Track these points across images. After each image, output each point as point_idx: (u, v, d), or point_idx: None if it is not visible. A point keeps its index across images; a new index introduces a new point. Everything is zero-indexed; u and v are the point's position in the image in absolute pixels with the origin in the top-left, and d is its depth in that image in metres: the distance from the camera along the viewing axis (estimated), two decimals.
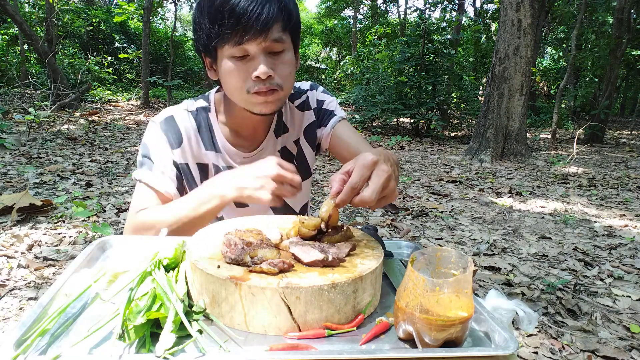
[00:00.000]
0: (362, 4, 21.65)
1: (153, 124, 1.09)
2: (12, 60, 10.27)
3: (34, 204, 2.88)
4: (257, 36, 0.90)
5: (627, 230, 3.31)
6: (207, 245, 0.77)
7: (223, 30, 0.91)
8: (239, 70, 0.94)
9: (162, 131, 1.08)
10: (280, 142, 1.18)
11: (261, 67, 0.92)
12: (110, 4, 16.75)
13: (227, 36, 0.91)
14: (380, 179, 0.73)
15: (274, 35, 0.92)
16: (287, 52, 0.97)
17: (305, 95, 1.19)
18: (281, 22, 0.93)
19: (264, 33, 0.90)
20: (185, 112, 1.11)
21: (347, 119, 1.21)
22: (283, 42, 0.95)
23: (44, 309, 0.65)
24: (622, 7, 8.75)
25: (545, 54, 19.66)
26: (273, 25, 0.91)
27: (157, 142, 1.08)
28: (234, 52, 0.93)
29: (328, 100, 1.21)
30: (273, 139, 1.16)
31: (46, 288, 1.98)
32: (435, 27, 10.21)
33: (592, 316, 1.99)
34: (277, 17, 0.91)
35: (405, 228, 3.12)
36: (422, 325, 0.59)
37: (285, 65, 0.97)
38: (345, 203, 0.74)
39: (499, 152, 6.56)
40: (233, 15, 0.88)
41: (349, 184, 0.73)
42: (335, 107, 1.21)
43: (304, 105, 1.19)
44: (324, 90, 1.23)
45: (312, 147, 1.22)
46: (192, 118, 1.11)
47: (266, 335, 0.64)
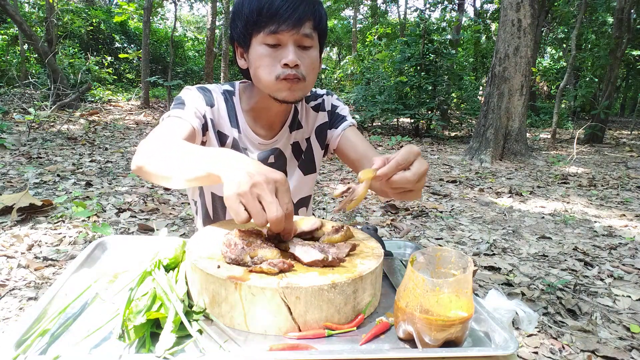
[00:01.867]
0: (362, 4, 21.64)
1: (187, 89, 1.16)
2: (12, 60, 10.27)
3: (34, 204, 2.88)
4: (290, 28, 0.99)
5: (627, 230, 3.31)
6: (207, 245, 0.77)
7: (261, 19, 0.99)
8: (270, 56, 1.02)
9: (198, 91, 1.15)
10: (293, 137, 1.25)
11: (290, 55, 0.99)
12: (110, 4, 16.75)
13: (264, 24, 0.99)
14: (422, 167, 0.79)
15: (305, 31, 1.01)
16: (314, 49, 1.06)
17: (322, 99, 1.28)
18: (312, 21, 1.02)
19: (297, 27, 0.99)
20: (217, 88, 1.19)
21: (357, 126, 1.28)
22: (312, 39, 1.03)
23: (44, 309, 0.65)
24: (622, 7, 8.75)
25: (545, 54, 19.66)
26: (305, 22, 1.00)
27: (192, 95, 1.14)
28: (267, 40, 1.01)
29: (341, 107, 1.29)
30: (287, 133, 1.23)
31: (46, 288, 1.98)
32: (435, 27, 10.21)
33: (592, 316, 1.99)
34: (309, 16, 1.01)
35: (405, 228, 3.12)
36: (422, 325, 0.59)
37: (311, 59, 1.05)
38: (386, 176, 0.77)
39: (499, 152, 6.56)
40: (272, 7, 0.98)
41: (395, 160, 0.77)
42: (347, 114, 1.29)
43: (319, 107, 1.27)
44: (338, 98, 1.32)
45: (321, 146, 1.29)
46: (222, 97, 1.19)
47: (266, 335, 0.64)
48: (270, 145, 1.22)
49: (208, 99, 1.15)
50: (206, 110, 1.14)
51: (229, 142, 1.18)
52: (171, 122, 1.06)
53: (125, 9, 10.71)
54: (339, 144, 1.25)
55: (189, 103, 1.11)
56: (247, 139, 1.19)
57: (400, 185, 0.78)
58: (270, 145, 1.22)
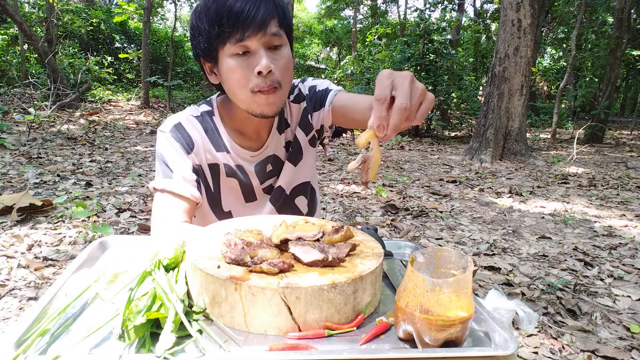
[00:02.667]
0: (362, 4, 21.64)
1: (162, 133, 1.11)
2: (12, 60, 10.26)
3: (34, 204, 2.88)
4: (256, 31, 0.94)
5: (627, 230, 3.31)
6: (207, 245, 0.77)
7: (223, 30, 0.94)
8: (241, 66, 0.96)
9: (174, 139, 1.09)
10: (283, 137, 1.21)
11: (263, 60, 0.94)
12: (110, 4, 16.74)
13: (228, 35, 0.94)
14: (405, 84, 0.68)
15: (272, 30, 0.96)
16: (284, 47, 1.01)
17: (297, 89, 1.23)
18: (277, 18, 0.97)
19: (263, 28, 0.94)
20: (191, 118, 1.13)
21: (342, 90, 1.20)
22: (281, 37, 0.99)
23: (44, 309, 0.65)
24: (622, 7, 8.75)
25: (545, 54, 19.66)
26: (270, 21, 0.95)
27: (172, 150, 1.09)
28: (235, 50, 0.96)
29: (319, 83, 1.23)
30: (277, 135, 1.19)
31: (46, 288, 1.98)
32: (435, 27, 10.20)
33: (592, 316, 1.99)
34: (273, 13, 0.96)
35: (405, 228, 3.12)
36: (422, 325, 0.59)
37: (284, 59, 1.00)
38: (381, 120, 0.68)
39: (499, 152, 6.56)
40: (232, 15, 0.93)
41: (374, 99, 0.68)
42: (328, 84, 1.21)
43: (299, 98, 1.23)
44: (313, 78, 1.26)
45: (306, 132, 1.24)
46: (198, 122, 1.14)
47: (266, 335, 0.64)
48: (263, 155, 1.18)
49: (186, 143, 1.09)
50: (191, 160, 1.09)
51: (222, 170, 1.15)
52: (166, 202, 1.03)
53: (125, 9, 10.71)
54: (335, 116, 1.19)
55: (175, 167, 1.07)
56: (238, 156, 1.16)
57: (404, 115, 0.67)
58: (263, 154, 1.18)
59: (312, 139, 1.26)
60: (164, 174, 1.07)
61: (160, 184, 1.06)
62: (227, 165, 1.15)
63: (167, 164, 1.07)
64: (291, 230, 0.79)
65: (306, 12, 27.79)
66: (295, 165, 1.24)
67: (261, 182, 1.21)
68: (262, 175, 1.20)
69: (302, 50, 23.52)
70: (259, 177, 1.20)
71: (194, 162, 1.10)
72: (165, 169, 1.07)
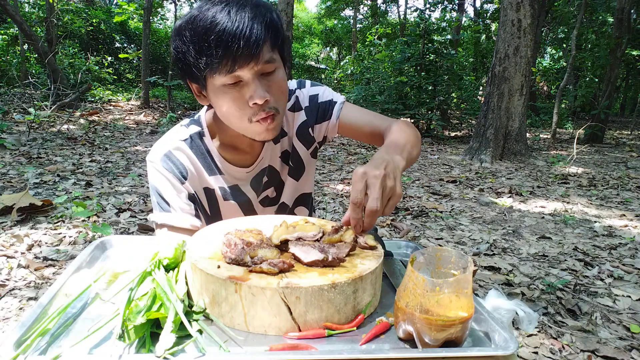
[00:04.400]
0: (362, 4, 21.64)
1: (152, 164, 1.06)
2: (12, 60, 10.26)
3: (34, 204, 2.88)
4: (248, 61, 0.86)
5: (627, 230, 3.31)
6: (207, 245, 0.77)
7: (212, 60, 0.86)
8: (234, 98, 0.91)
9: (166, 169, 1.05)
10: (279, 147, 1.17)
11: (258, 92, 0.89)
12: (110, 4, 16.74)
13: (217, 65, 0.86)
14: (376, 185, 0.75)
15: (265, 57, 0.89)
16: (278, 71, 0.94)
17: (295, 96, 1.16)
18: (270, 41, 0.90)
19: (256, 57, 0.87)
20: (179, 143, 1.08)
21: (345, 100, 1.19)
22: (274, 62, 0.92)
23: (44, 309, 0.65)
24: (622, 7, 8.75)
25: (545, 54, 19.66)
26: (262, 47, 0.87)
27: (166, 181, 1.05)
28: (225, 81, 0.89)
29: (321, 92, 1.17)
30: (271, 146, 1.15)
31: (46, 288, 1.98)
32: (435, 27, 10.21)
33: (592, 316, 1.99)
34: (266, 36, 0.88)
35: (405, 228, 3.12)
36: (422, 325, 0.59)
37: (278, 84, 0.94)
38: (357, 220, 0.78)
39: (499, 152, 6.56)
40: (221, 44, 0.84)
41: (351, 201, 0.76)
42: (332, 94, 1.17)
43: (295, 106, 1.16)
44: (312, 84, 1.19)
45: (307, 145, 1.20)
46: (188, 147, 1.08)
47: (266, 335, 0.64)
48: (258, 168, 1.14)
49: (179, 172, 1.05)
50: (186, 189, 1.06)
51: (218, 194, 1.12)
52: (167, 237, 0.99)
53: (125, 9, 10.70)
54: (341, 130, 1.17)
55: (171, 200, 1.04)
56: (232, 177, 1.12)
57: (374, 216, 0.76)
58: (258, 167, 1.14)
59: (313, 151, 1.22)
60: (161, 207, 1.05)
61: (160, 218, 1.04)
62: (222, 188, 1.12)
63: (162, 197, 1.05)
64: (291, 231, 0.79)
65: (306, 12, 27.79)
66: (297, 180, 1.22)
67: (258, 194, 1.18)
68: (258, 187, 1.17)
69: (302, 50, 23.50)
70: (255, 190, 1.17)
71: (189, 190, 1.07)
72: (161, 202, 1.05)
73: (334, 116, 1.15)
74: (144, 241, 0.96)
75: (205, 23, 0.86)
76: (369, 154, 6.84)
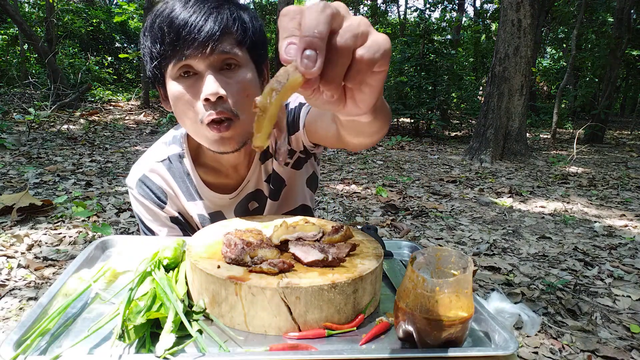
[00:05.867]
0: (362, 4, 21.64)
1: (130, 190, 1.03)
2: (12, 60, 10.27)
3: (34, 204, 2.88)
4: (200, 49, 0.79)
5: (627, 230, 3.31)
6: (207, 245, 0.77)
7: (164, 48, 0.81)
8: (186, 92, 0.83)
9: (143, 196, 1.01)
10: (265, 168, 1.05)
11: (209, 85, 0.79)
12: (110, 4, 16.75)
13: (169, 53, 0.81)
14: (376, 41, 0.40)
15: (224, 48, 0.81)
16: (243, 70, 0.84)
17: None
18: (233, 35, 0.82)
19: (210, 45, 0.79)
20: (156, 165, 1.02)
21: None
22: (236, 58, 0.83)
23: (44, 309, 0.65)
24: (622, 7, 8.75)
25: (545, 54, 19.66)
26: (222, 38, 0.80)
27: (143, 210, 1.02)
28: (177, 72, 0.82)
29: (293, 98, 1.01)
30: (259, 167, 1.04)
31: (46, 288, 1.98)
32: (435, 27, 10.21)
33: (592, 316, 1.99)
34: (226, 28, 0.81)
35: (405, 228, 3.12)
36: (422, 325, 0.59)
37: (240, 84, 0.83)
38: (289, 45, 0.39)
39: (499, 152, 6.56)
40: (172, 29, 0.79)
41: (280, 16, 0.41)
42: (296, 99, 1.00)
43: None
44: None
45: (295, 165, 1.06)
46: (165, 169, 1.02)
47: (266, 335, 0.64)
48: (243, 192, 1.03)
49: (157, 197, 1.01)
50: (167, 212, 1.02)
51: (195, 220, 1.04)
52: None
53: (125, 9, 10.71)
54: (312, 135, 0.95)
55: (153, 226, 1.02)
56: (213, 203, 1.03)
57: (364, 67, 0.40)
58: (243, 192, 1.03)
59: (295, 163, 1.07)
60: (144, 234, 1.04)
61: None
62: (201, 215, 1.03)
63: (144, 224, 1.03)
64: (291, 231, 0.78)
65: None
66: (276, 200, 1.08)
67: None
68: (243, 213, 1.07)
69: None
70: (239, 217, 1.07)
71: (170, 213, 1.02)
72: (144, 229, 1.04)
73: (300, 123, 0.97)
74: (144, 241, 0.96)
75: (163, 13, 0.82)
76: (369, 153, 6.85)
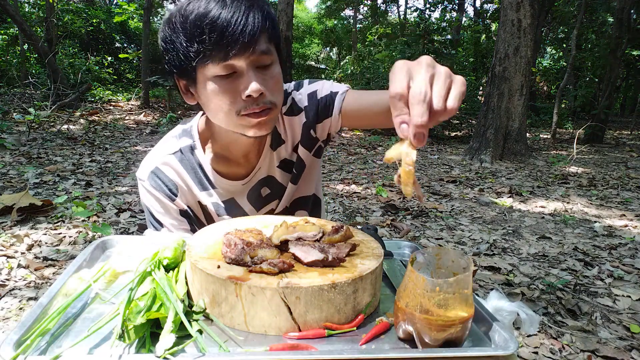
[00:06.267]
0: (362, 3, 21.65)
1: (141, 182, 1.03)
2: (12, 60, 10.26)
3: (34, 204, 2.88)
4: (244, 50, 0.81)
5: (627, 230, 3.31)
6: (207, 245, 0.77)
7: (204, 47, 0.81)
8: (226, 90, 0.85)
9: (154, 188, 1.02)
10: (276, 155, 1.09)
11: (253, 84, 0.82)
12: (110, 4, 16.74)
13: (210, 53, 0.81)
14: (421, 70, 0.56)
15: (261, 47, 0.83)
16: (275, 65, 0.89)
17: (291, 99, 1.08)
18: (267, 33, 0.85)
19: (252, 45, 0.81)
20: (168, 157, 1.04)
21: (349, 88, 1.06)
22: (271, 55, 0.87)
23: (44, 309, 0.65)
24: (622, 7, 8.75)
25: (545, 54, 19.66)
26: (260, 36, 0.82)
27: (154, 201, 1.03)
28: (218, 71, 0.83)
29: (319, 87, 1.07)
30: (270, 153, 1.08)
31: (46, 288, 1.98)
32: (435, 27, 10.22)
33: (592, 316, 1.99)
34: (263, 27, 0.83)
35: (405, 228, 3.12)
36: (422, 325, 0.59)
37: (274, 79, 0.89)
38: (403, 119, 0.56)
39: (499, 152, 6.56)
40: (215, 29, 0.79)
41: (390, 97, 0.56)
42: (332, 86, 1.06)
43: (293, 109, 1.08)
44: (310, 81, 1.10)
45: (310, 148, 1.11)
46: (177, 161, 1.04)
47: (266, 335, 0.64)
48: (255, 179, 1.07)
49: (169, 189, 1.02)
50: (177, 206, 1.03)
51: (211, 210, 1.06)
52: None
53: (125, 9, 10.71)
54: (347, 119, 1.04)
55: (162, 218, 1.02)
56: (226, 190, 1.06)
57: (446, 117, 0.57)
58: (255, 178, 1.07)
59: (317, 151, 1.13)
60: (153, 226, 1.04)
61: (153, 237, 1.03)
62: (215, 204, 1.06)
63: (153, 216, 1.03)
64: (291, 231, 0.79)
65: (306, 12, 27.77)
66: (296, 184, 1.13)
67: (257, 209, 1.11)
68: (258, 201, 1.10)
69: (302, 50, 23.51)
70: (255, 204, 1.10)
71: (180, 206, 1.04)
72: (153, 222, 1.04)
73: (335, 110, 1.03)
74: (144, 241, 0.96)
75: (199, 10, 0.81)
76: (369, 153, 6.85)
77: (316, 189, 1.20)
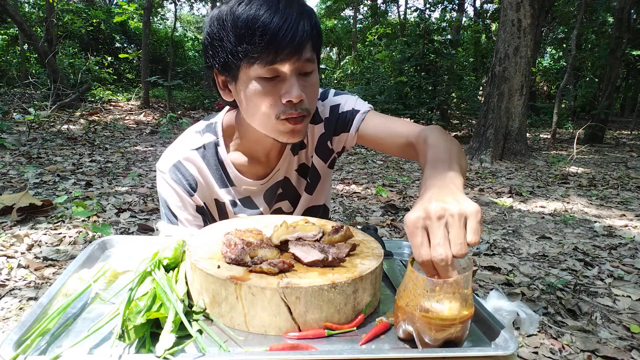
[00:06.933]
0: (362, 4, 21.65)
1: (161, 174, 1.04)
2: (12, 60, 10.26)
3: (34, 204, 2.88)
4: (291, 56, 0.83)
5: (627, 230, 3.31)
6: (207, 245, 0.77)
7: (253, 49, 0.83)
8: (267, 92, 0.87)
9: (175, 181, 1.03)
10: (297, 159, 1.12)
11: (295, 90, 0.85)
12: (110, 4, 16.74)
13: (258, 55, 0.83)
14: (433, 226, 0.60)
15: (306, 55, 0.86)
16: (315, 73, 0.92)
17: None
18: (311, 41, 0.88)
19: (299, 53, 0.84)
20: (191, 153, 1.05)
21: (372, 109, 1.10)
22: (313, 62, 0.90)
23: (44, 309, 0.65)
24: (622, 7, 8.75)
25: (545, 54, 19.66)
26: (306, 44, 0.85)
27: (173, 193, 1.04)
28: (262, 73, 0.85)
29: (343, 101, 1.10)
30: (290, 157, 1.10)
31: (46, 288, 1.98)
32: (435, 27, 10.20)
33: (592, 316, 1.99)
34: (310, 35, 0.86)
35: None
36: (422, 325, 0.59)
37: (313, 87, 0.92)
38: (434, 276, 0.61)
39: (499, 152, 6.56)
40: (266, 33, 0.81)
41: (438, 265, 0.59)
42: (355, 103, 1.09)
43: (315, 118, 1.10)
44: (336, 93, 1.13)
45: (325, 159, 1.14)
46: (200, 157, 1.05)
47: (266, 335, 0.64)
48: (273, 180, 1.10)
49: (188, 184, 1.03)
50: (195, 202, 1.05)
51: (229, 207, 1.09)
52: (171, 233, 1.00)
53: (125, 9, 10.70)
54: (362, 140, 1.09)
55: (178, 212, 1.04)
56: (245, 189, 1.08)
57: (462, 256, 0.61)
58: (273, 179, 1.10)
59: (331, 162, 1.17)
60: (168, 219, 1.05)
61: (166, 230, 1.04)
62: (233, 201, 1.09)
63: (170, 209, 1.04)
64: (291, 231, 0.79)
65: None
66: (311, 194, 1.17)
67: (270, 206, 1.14)
68: (271, 199, 1.13)
69: None
70: (268, 202, 1.13)
71: (197, 202, 1.05)
72: (169, 214, 1.05)
73: (353, 127, 1.07)
74: (144, 241, 0.96)
75: (251, 12, 0.83)
76: (369, 153, 6.84)
77: (326, 198, 1.24)
